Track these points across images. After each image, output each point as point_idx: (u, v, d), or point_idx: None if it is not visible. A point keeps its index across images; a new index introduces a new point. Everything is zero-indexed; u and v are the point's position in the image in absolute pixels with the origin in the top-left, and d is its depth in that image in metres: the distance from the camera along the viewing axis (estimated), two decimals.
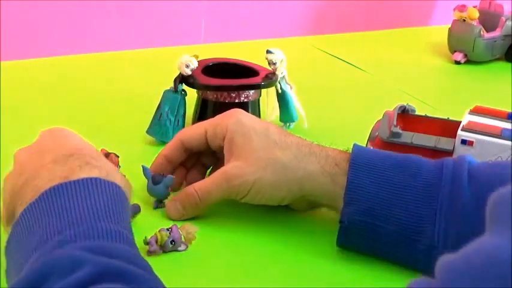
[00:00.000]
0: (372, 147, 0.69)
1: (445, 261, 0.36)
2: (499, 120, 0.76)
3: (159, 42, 1.19)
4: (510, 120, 0.76)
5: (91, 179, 0.51)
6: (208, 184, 0.66)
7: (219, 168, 0.68)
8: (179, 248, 0.63)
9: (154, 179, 0.68)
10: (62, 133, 0.60)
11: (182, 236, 0.63)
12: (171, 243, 0.62)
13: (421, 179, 0.62)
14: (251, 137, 0.65)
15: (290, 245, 0.66)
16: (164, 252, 0.62)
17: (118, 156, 0.71)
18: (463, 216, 0.59)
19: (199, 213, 0.68)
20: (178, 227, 0.63)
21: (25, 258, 0.48)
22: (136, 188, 0.64)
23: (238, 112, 0.68)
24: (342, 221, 0.63)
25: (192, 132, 0.70)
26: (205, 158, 0.72)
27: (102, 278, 0.43)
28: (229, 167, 0.65)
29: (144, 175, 0.69)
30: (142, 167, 0.69)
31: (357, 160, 0.63)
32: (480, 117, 0.77)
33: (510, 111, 0.78)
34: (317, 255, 0.65)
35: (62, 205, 0.50)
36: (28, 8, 1.07)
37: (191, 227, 0.64)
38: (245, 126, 0.66)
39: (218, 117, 0.69)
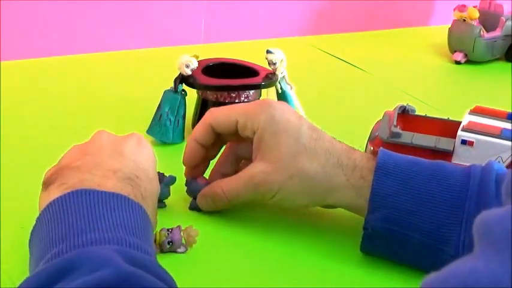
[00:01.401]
0: (387, 150, 0.66)
1: (425, 281, 0.35)
2: (499, 120, 0.76)
3: (159, 42, 1.19)
4: (510, 120, 0.76)
5: (128, 198, 0.53)
6: (236, 186, 0.66)
7: (248, 160, 0.68)
8: (178, 250, 0.63)
9: None
10: (146, 150, 0.62)
11: (183, 238, 0.63)
12: (169, 243, 0.62)
13: (447, 187, 0.61)
14: (281, 139, 0.64)
15: (298, 248, 0.66)
16: (162, 252, 0.62)
17: None
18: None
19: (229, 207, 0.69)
20: (182, 229, 0.63)
21: (47, 248, 0.49)
22: None
23: (273, 106, 0.66)
24: (365, 228, 0.62)
25: (223, 117, 0.67)
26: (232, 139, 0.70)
27: (126, 282, 0.43)
28: (257, 171, 0.64)
29: None
30: None
31: (382, 166, 0.62)
32: (480, 118, 0.77)
33: (510, 111, 0.78)
34: (324, 258, 0.65)
35: (94, 210, 0.51)
36: (28, 8, 1.07)
37: (193, 231, 0.64)
38: (277, 125, 0.64)
39: (251, 107, 0.66)
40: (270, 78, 0.85)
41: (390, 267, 0.64)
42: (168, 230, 0.62)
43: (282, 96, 0.88)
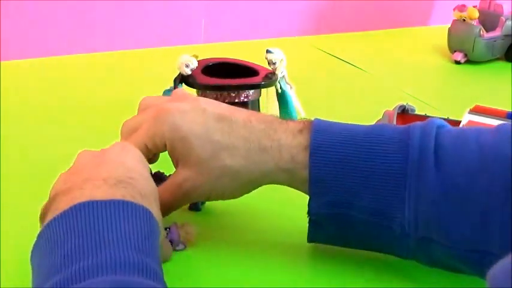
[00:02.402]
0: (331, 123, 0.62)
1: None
2: (499, 119, 0.76)
3: (159, 42, 1.19)
4: (510, 120, 0.76)
5: (123, 202, 0.50)
6: (167, 199, 0.62)
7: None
8: (177, 248, 0.63)
9: (154, 177, 0.67)
10: (131, 153, 0.59)
11: (181, 236, 0.63)
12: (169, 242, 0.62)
13: (387, 162, 0.57)
14: (192, 143, 0.60)
15: (299, 246, 0.66)
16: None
17: None
18: (431, 204, 0.56)
19: None
20: (179, 226, 0.63)
21: (45, 276, 0.47)
22: None
23: (171, 113, 0.61)
24: (310, 216, 0.60)
25: (136, 146, 0.62)
26: None
27: None
28: (182, 179, 0.61)
29: None
30: None
31: (317, 149, 0.59)
32: (480, 117, 0.77)
33: (509, 110, 0.78)
34: (325, 255, 0.65)
35: (86, 225, 0.48)
36: (28, 8, 1.07)
37: (190, 227, 0.64)
38: (182, 131, 0.60)
39: (151, 124, 0.62)
40: (270, 78, 0.85)
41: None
42: (165, 229, 0.62)
43: (281, 96, 0.88)
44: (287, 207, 0.69)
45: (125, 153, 0.58)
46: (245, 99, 0.84)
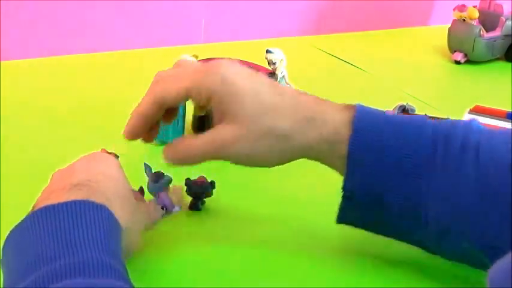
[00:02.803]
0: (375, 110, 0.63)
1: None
2: (499, 119, 0.76)
3: (159, 42, 1.19)
4: (509, 120, 0.76)
5: (78, 202, 0.50)
6: (203, 150, 0.60)
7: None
8: (173, 210, 0.64)
9: (153, 177, 0.68)
10: (96, 158, 0.59)
11: (172, 200, 0.64)
12: (163, 209, 0.63)
13: (422, 152, 0.58)
14: (242, 99, 0.59)
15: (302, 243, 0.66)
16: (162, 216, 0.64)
17: (118, 156, 0.71)
18: (461, 196, 0.57)
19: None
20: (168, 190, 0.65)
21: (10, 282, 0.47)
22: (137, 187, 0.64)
23: (223, 66, 0.60)
24: (345, 192, 0.60)
25: (172, 91, 0.60)
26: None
27: None
28: (224, 133, 0.60)
29: (146, 173, 0.69)
30: (144, 164, 0.69)
31: (359, 129, 0.59)
32: (480, 117, 0.77)
33: (510, 110, 0.78)
34: (327, 252, 0.65)
35: (44, 231, 0.48)
36: (28, 8, 1.07)
37: (177, 189, 0.65)
38: (233, 86, 0.59)
39: (201, 72, 0.60)
40: (270, 78, 0.85)
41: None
42: (155, 195, 0.63)
43: None
44: (287, 207, 0.69)
45: (89, 161, 0.58)
46: None
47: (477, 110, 0.78)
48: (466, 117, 0.77)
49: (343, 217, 0.62)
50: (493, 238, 0.56)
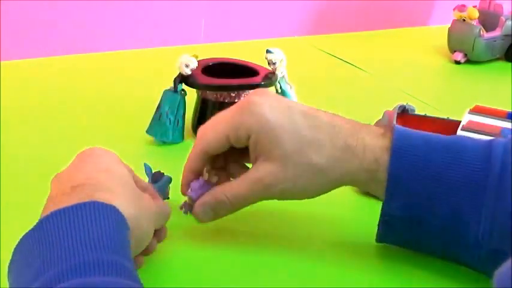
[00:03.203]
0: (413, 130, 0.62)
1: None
2: (499, 119, 0.76)
3: (159, 42, 1.19)
4: (510, 120, 0.76)
5: (83, 204, 0.50)
6: (243, 191, 0.62)
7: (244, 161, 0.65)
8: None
9: (153, 177, 0.68)
10: (87, 156, 0.58)
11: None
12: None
13: (467, 172, 0.57)
14: (279, 137, 0.59)
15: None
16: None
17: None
18: (508, 217, 0.56)
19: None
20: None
21: None
22: None
23: (259, 105, 0.60)
24: (383, 216, 0.60)
25: (213, 139, 0.62)
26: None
27: None
28: (265, 173, 0.60)
29: (146, 173, 0.69)
30: (145, 165, 0.69)
31: (398, 152, 0.59)
32: (480, 117, 0.77)
33: (510, 110, 0.78)
34: (326, 247, 0.65)
35: (51, 237, 0.48)
36: (28, 8, 1.07)
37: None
38: (270, 123, 0.60)
39: (237, 115, 0.61)
40: (270, 78, 0.85)
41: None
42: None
43: (281, 96, 0.88)
44: (288, 207, 0.69)
45: (80, 160, 0.58)
46: None
47: (477, 110, 0.78)
48: (466, 117, 0.77)
49: (383, 239, 0.62)
50: None
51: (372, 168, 0.59)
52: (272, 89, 0.87)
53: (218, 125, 0.62)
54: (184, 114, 0.84)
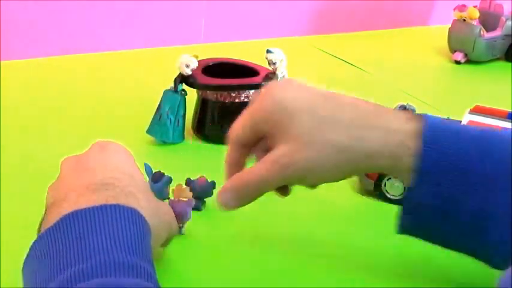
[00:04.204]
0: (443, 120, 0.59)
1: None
2: (499, 119, 0.76)
3: (159, 42, 1.19)
4: (510, 120, 0.76)
5: (106, 206, 0.50)
6: (261, 173, 0.59)
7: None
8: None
9: (154, 177, 0.68)
10: (112, 152, 0.58)
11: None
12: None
13: (499, 166, 0.55)
14: (294, 115, 0.57)
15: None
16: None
17: None
18: None
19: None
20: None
21: None
22: None
23: (275, 89, 0.59)
24: (409, 202, 0.58)
25: (240, 132, 0.61)
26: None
27: None
28: (280, 154, 0.58)
29: (146, 173, 0.69)
30: (145, 164, 0.69)
31: (432, 140, 0.56)
32: (480, 117, 0.77)
33: (510, 110, 0.78)
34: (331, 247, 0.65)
35: (73, 235, 0.48)
36: (28, 8, 1.07)
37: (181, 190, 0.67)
38: (284, 103, 0.58)
39: (258, 101, 0.60)
40: (270, 78, 0.85)
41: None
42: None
43: None
44: (289, 206, 0.69)
45: (104, 154, 0.58)
46: (245, 99, 0.84)
47: (477, 110, 0.78)
48: (467, 117, 0.77)
49: (405, 228, 0.60)
50: None
51: (396, 151, 0.57)
52: None
53: (244, 113, 0.61)
54: (184, 114, 0.84)
